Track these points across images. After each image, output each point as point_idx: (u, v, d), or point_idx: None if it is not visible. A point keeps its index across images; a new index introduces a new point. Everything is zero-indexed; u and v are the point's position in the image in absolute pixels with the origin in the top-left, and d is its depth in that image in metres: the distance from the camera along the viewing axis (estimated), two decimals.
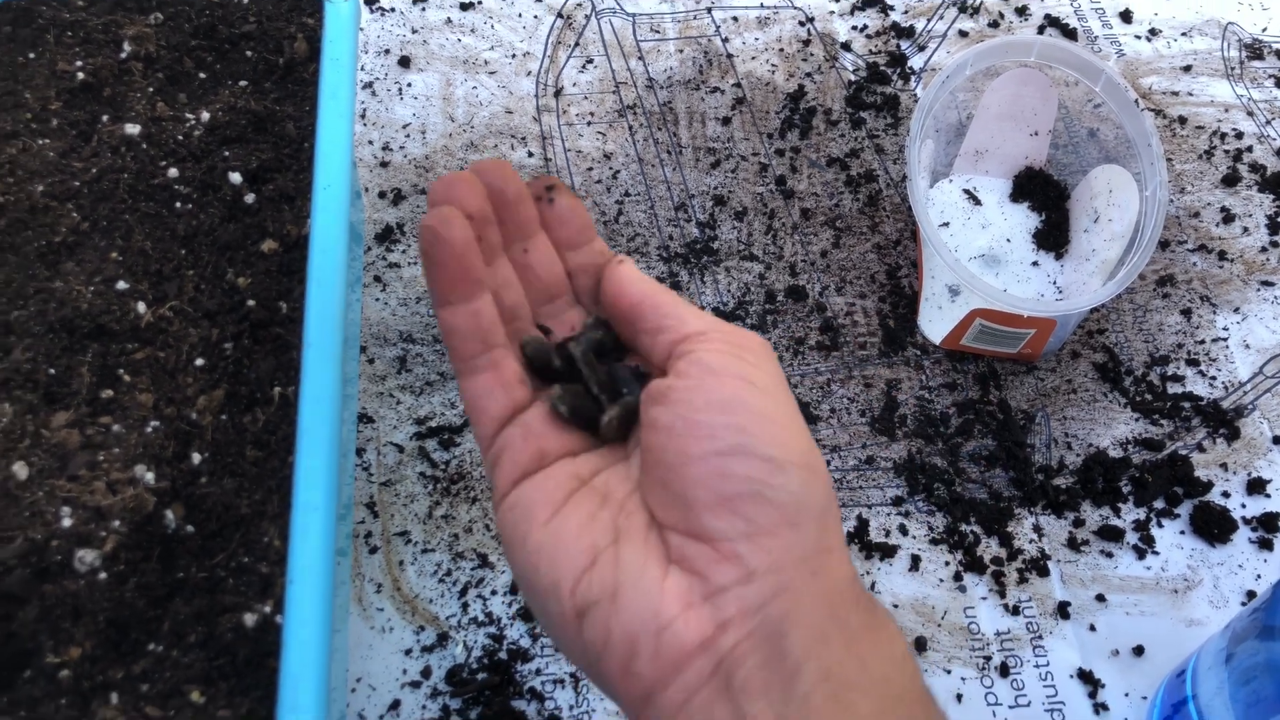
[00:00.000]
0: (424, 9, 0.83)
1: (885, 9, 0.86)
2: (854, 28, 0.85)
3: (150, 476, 0.43)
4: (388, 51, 0.80)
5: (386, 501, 0.61)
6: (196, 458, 0.43)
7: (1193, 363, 0.69)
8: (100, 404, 0.44)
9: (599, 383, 0.37)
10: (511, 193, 0.37)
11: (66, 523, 0.41)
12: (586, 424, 0.37)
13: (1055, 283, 0.71)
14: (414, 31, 0.81)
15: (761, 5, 0.86)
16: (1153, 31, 0.84)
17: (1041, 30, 0.85)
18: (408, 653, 0.56)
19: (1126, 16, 0.85)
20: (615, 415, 0.36)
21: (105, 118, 0.52)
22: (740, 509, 0.31)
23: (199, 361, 0.45)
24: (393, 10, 0.83)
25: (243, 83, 0.54)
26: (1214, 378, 0.69)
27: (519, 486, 0.35)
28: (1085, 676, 0.57)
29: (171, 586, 0.41)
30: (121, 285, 0.47)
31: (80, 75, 0.53)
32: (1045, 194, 0.74)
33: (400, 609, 0.58)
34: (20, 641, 0.39)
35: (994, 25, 0.85)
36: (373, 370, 0.66)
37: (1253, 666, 0.45)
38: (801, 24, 0.85)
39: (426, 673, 0.56)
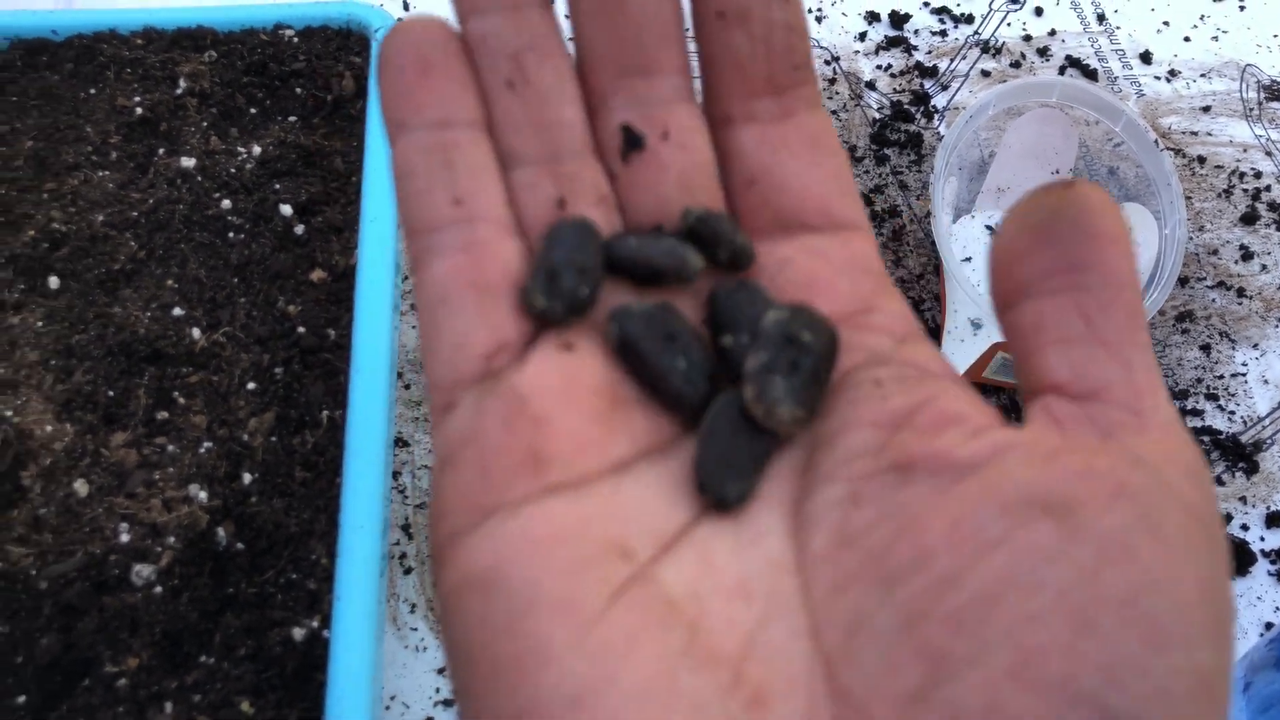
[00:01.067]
0: None
1: (909, 49, 0.89)
2: (879, 67, 0.87)
3: (203, 495, 0.44)
4: None
5: (421, 524, 0.63)
6: (247, 478, 0.45)
7: (1211, 397, 0.70)
8: (156, 425, 0.46)
9: (726, 320, 0.24)
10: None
11: (124, 538, 0.43)
12: (672, 397, 0.23)
13: None
14: None
15: None
16: (1172, 73, 0.86)
17: (1063, 71, 0.87)
18: (440, 671, 0.58)
19: (1146, 58, 0.87)
20: (793, 412, 0.22)
21: (162, 151, 0.54)
22: None
23: (250, 385, 0.47)
24: None
25: (292, 118, 0.57)
26: (1233, 412, 0.70)
27: (487, 533, 0.21)
28: None
29: (223, 601, 0.43)
30: (177, 311, 0.49)
31: (139, 110, 0.55)
32: None
33: (434, 629, 0.59)
34: (80, 651, 0.41)
35: (1015, 65, 0.87)
36: (408, 395, 0.68)
37: (1270, 695, 0.46)
38: (827, 63, 0.88)
39: None
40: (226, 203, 0.53)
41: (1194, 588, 0.18)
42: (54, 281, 0.49)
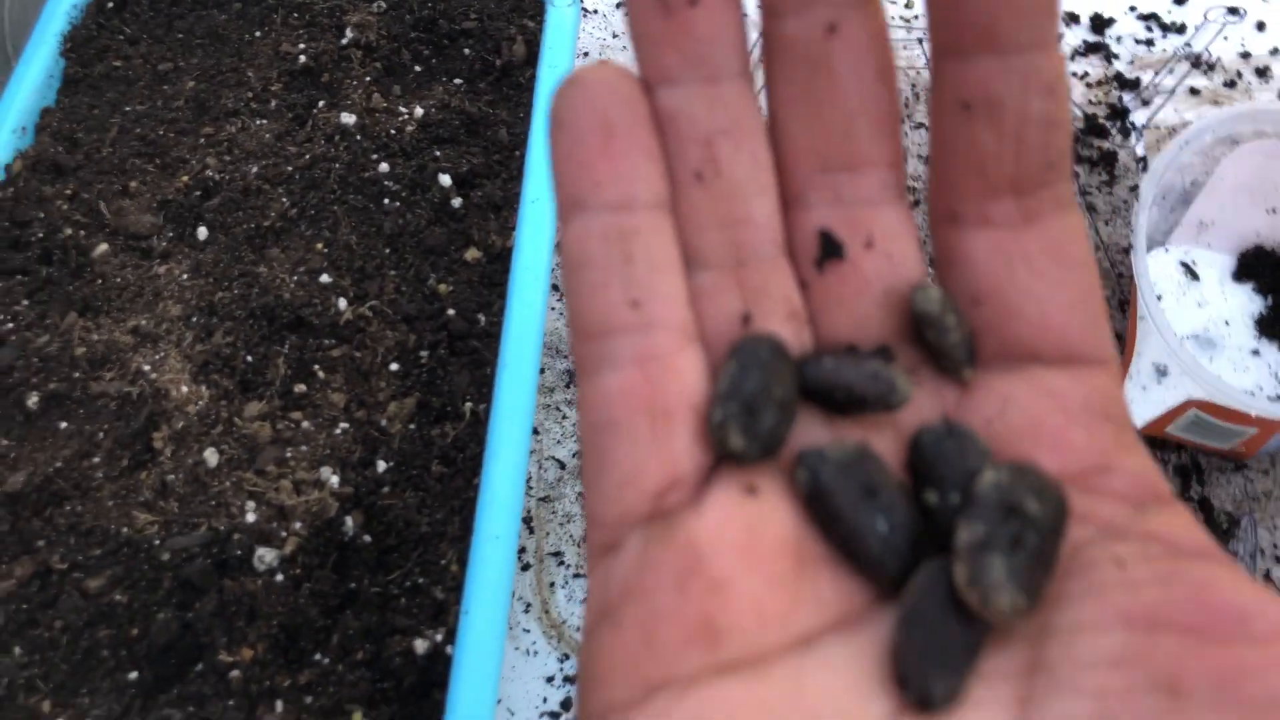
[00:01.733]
0: (626, 12, 0.81)
1: (1109, 56, 0.81)
2: (1074, 74, 0.80)
3: (335, 480, 0.42)
4: (587, 54, 0.79)
5: (543, 518, 0.60)
6: (381, 465, 0.42)
7: None
8: (293, 398, 0.43)
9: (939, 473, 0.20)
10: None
11: (250, 518, 0.40)
12: (870, 564, 0.20)
13: (1278, 375, 0.65)
14: (614, 36, 0.80)
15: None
16: None
17: None
18: (550, 680, 0.55)
19: None
20: (1014, 601, 0.18)
21: (321, 103, 0.52)
22: None
23: (393, 366, 0.44)
24: (595, 12, 0.81)
25: (458, 80, 0.53)
26: None
27: (657, 712, 0.18)
28: None
29: (344, 597, 0.40)
30: (325, 279, 0.46)
31: (302, 58, 0.52)
32: (1275, 276, 0.68)
33: (547, 633, 0.56)
34: (196, 635, 0.38)
35: (1230, 85, 0.79)
36: (542, 381, 0.64)
37: None
38: None
39: (567, 704, 0.54)
40: (384, 166, 0.49)
41: None
42: (203, 232, 0.47)
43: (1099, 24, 0.82)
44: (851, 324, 0.22)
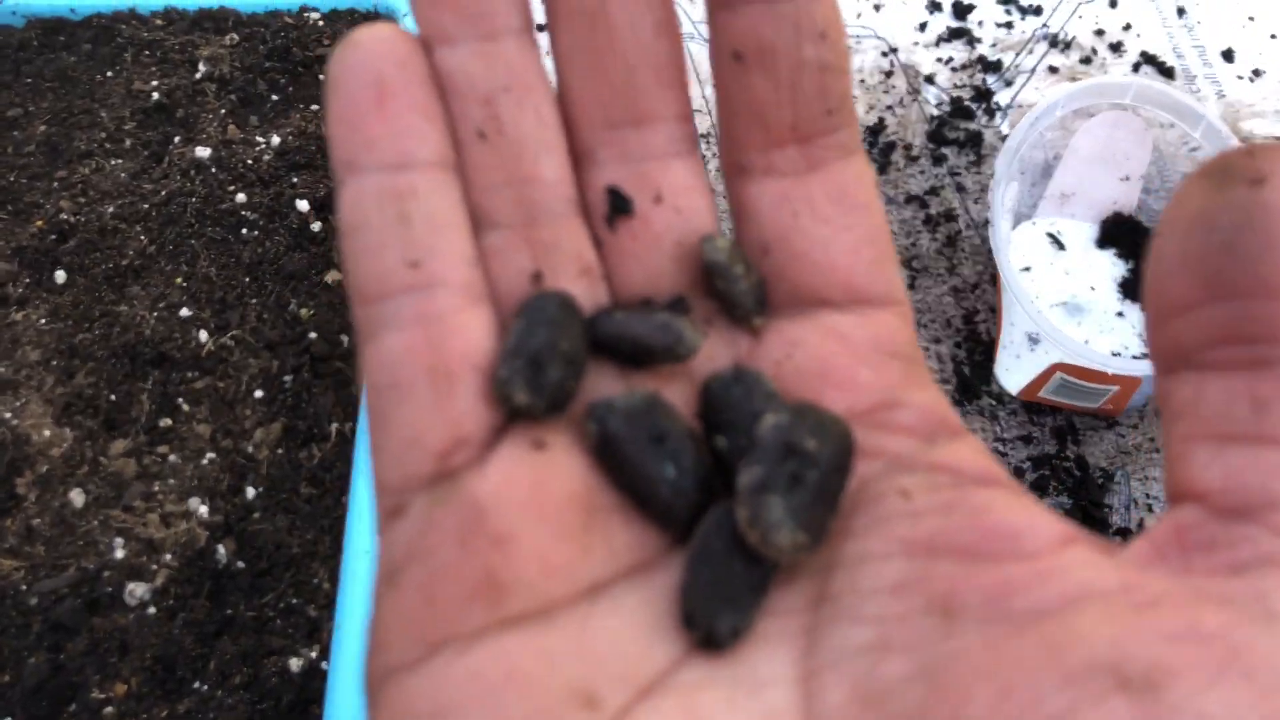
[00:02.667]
0: None
1: (972, 41, 0.84)
2: (939, 60, 0.83)
3: (204, 510, 0.42)
4: None
5: None
6: (251, 492, 0.43)
7: None
8: (158, 433, 0.44)
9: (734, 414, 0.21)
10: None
11: (119, 554, 0.41)
12: (659, 510, 0.20)
13: (1140, 335, 0.68)
14: None
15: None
16: (1256, 72, 0.81)
17: (1137, 68, 0.82)
18: None
19: (1229, 55, 0.82)
20: (793, 538, 0.19)
21: (177, 139, 0.52)
22: None
23: (258, 393, 0.45)
24: None
25: (315, 106, 0.54)
26: None
27: (429, 673, 0.18)
28: None
29: (220, 624, 0.40)
30: (185, 312, 0.46)
31: (155, 95, 0.53)
32: (1134, 241, 0.71)
33: None
34: (68, 675, 0.39)
35: (1086, 61, 0.82)
36: None
37: None
38: (884, 54, 0.83)
39: None
40: (241, 196, 0.50)
41: None
42: (60, 276, 0.47)
43: (960, 10, 0.85)
44: (645, 278, 0.22)
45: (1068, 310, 0.69)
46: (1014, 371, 0.66)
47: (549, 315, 0.20)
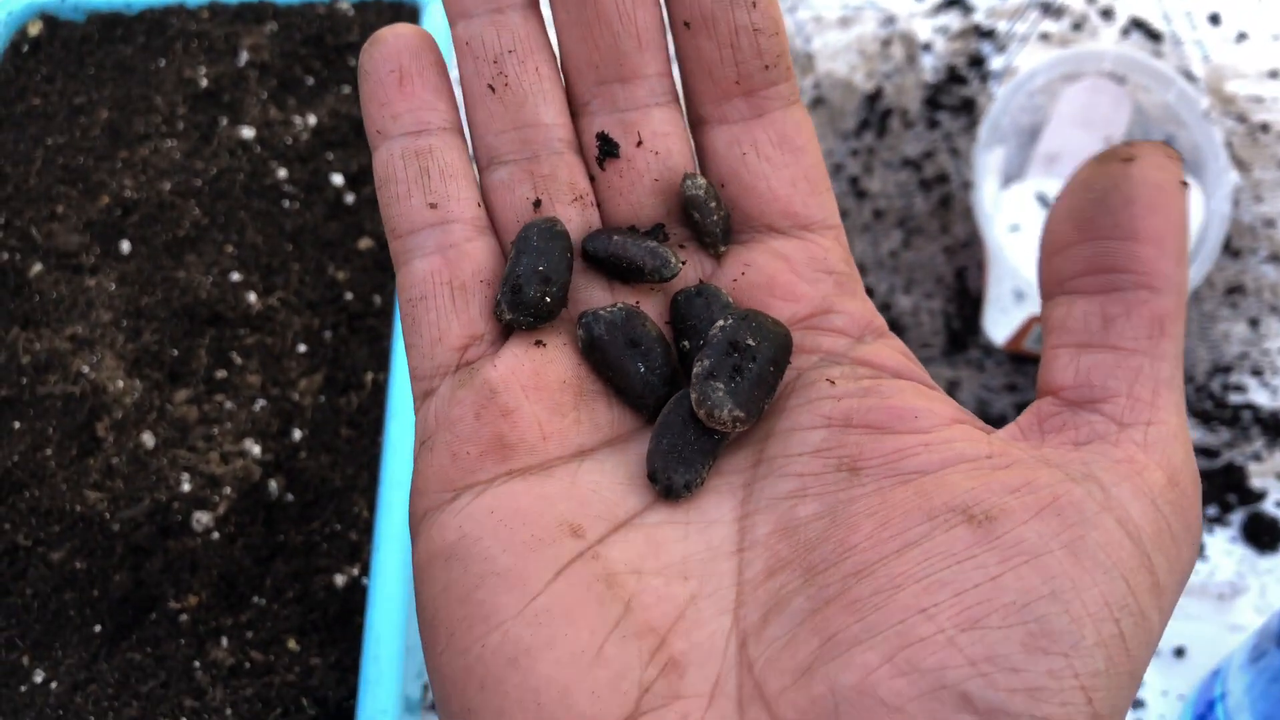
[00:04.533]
0: None
1: (967, 9, 0.87)
2: (936, 29, 0.86)
3: (257, 450, 0.48)
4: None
5: None
6: (297, 434, 0.49)
7: (1256, 372, 0.70)
8: (215, 383, 0.50)
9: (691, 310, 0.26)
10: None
11: (186, 487, 0.47)
12: (633, 397, 0.25)
13: None
14: None
15: (844, 5, 0.88)
16: (1242, 35, 0.84)
17: (1126, 33, 0.85)
18: None
19: (1215, 19, 0.85)
20: (733, 413, 0.24)
21: (224, 121, 0.58)
22: None
23: (301, 348, 0.51)
24: None
25: (346, 89, 0.59)
26: (1276, 388, 0.69)
27: (454, 510, 0.23)
28: None
29: (273, 548, 0.47)
30: (235, 276, 0.52)
31: (203, 82, 0.58)
32: None
33: None
34: (148, 589, 0.45)
35: (1077, 27, 0.86)
36: None
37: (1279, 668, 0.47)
38: (883, 24, 0.87)
39: None
40: (282, 172, 0.56)
41: (1098, 601, 0.19)
42: (125, 246, 0.53)
43: None
44: (630, 210, 0.27)
45: None
46: (1000, 325, 0.70)
47: (533, 244, 0.25)
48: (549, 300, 0.25)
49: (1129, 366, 0.21)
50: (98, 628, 0.45)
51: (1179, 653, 0.59)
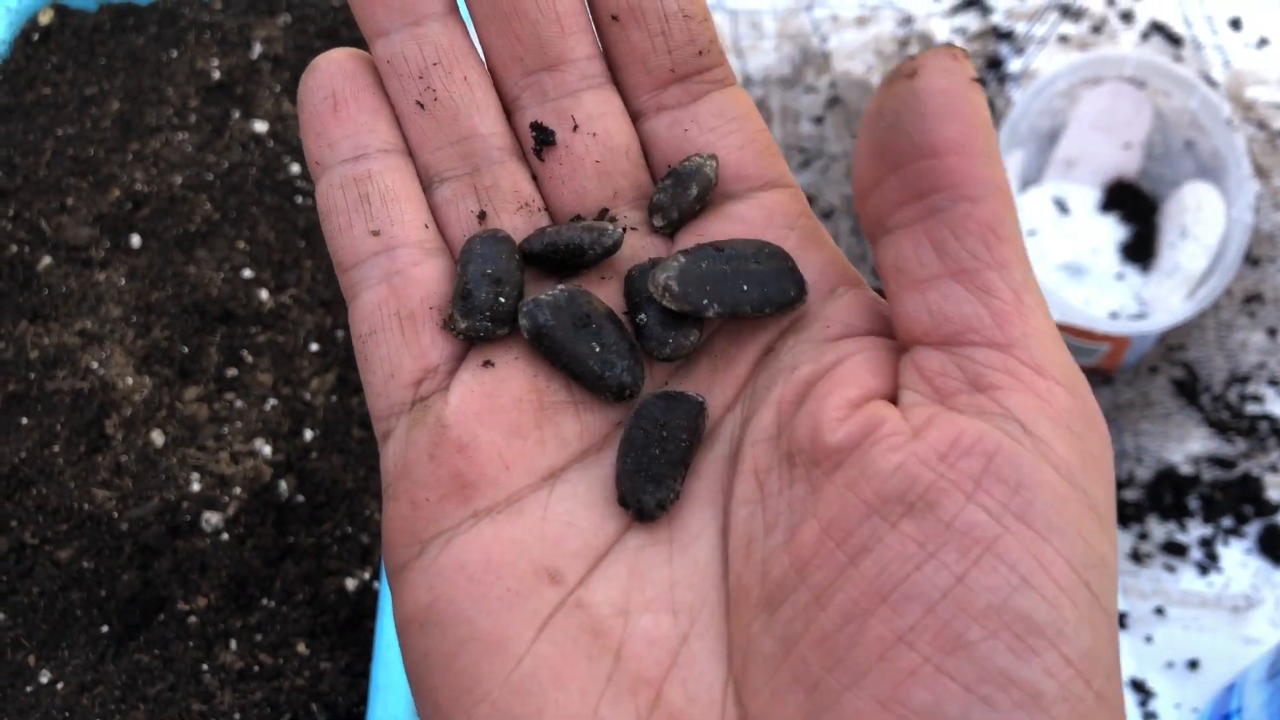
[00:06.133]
0: None
1: (986, 10, 0.87)
2: (954, 29, 0.85)
3: (267, 450, 0.48)
4: None
5: None
6: (308, 434, 0.48)
7: (1274, 382, 0.69)
8: (226, 381, 0.49)
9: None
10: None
11: (195, 487, 0.46)
12: (592, 381, 0.24)
13: (1139, 296, 0.71)
14: None
15: (861, 4, 0.87)
16: (1263, 41, 0.83)
17: (1146, 37, 0.84)
18: None
19: (1236, 24, 0.84)
20: (665, 279, 0.23)
21: (237, 114, 0.57)
22: None
23: (313, 346, 0.50)
24: None
25: None
26: None
27: (423, 566, 0.22)
28: (1138, 686, 0.59)
29: (283, 549, 0.46)
30: (247, 273, 0.52)
31: (216, 74, 0.58)
32: (1135, 206, 0.74)
33: None
34: (156, 589, 0.44)
35: (1097, 30, 0.85)
36: None
37: None
38: (901, 24, 0.86)
39: None
40: (295, 167, 0.55)
41: (1066, 571, 0.18)
42: (135, 240, 0.52)
43: None
44: (575, 197, 0.26)
45: (1070, 271, 0.73)
46: None
47: (477, 252, 0.24)
48: (503, 300, 0.24)
49: (978, 285, 0.20)
50: (105, 628, 0.44)
51: (1192, 665, 0.59)
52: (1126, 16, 0.86)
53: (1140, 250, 0.73)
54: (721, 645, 0.21)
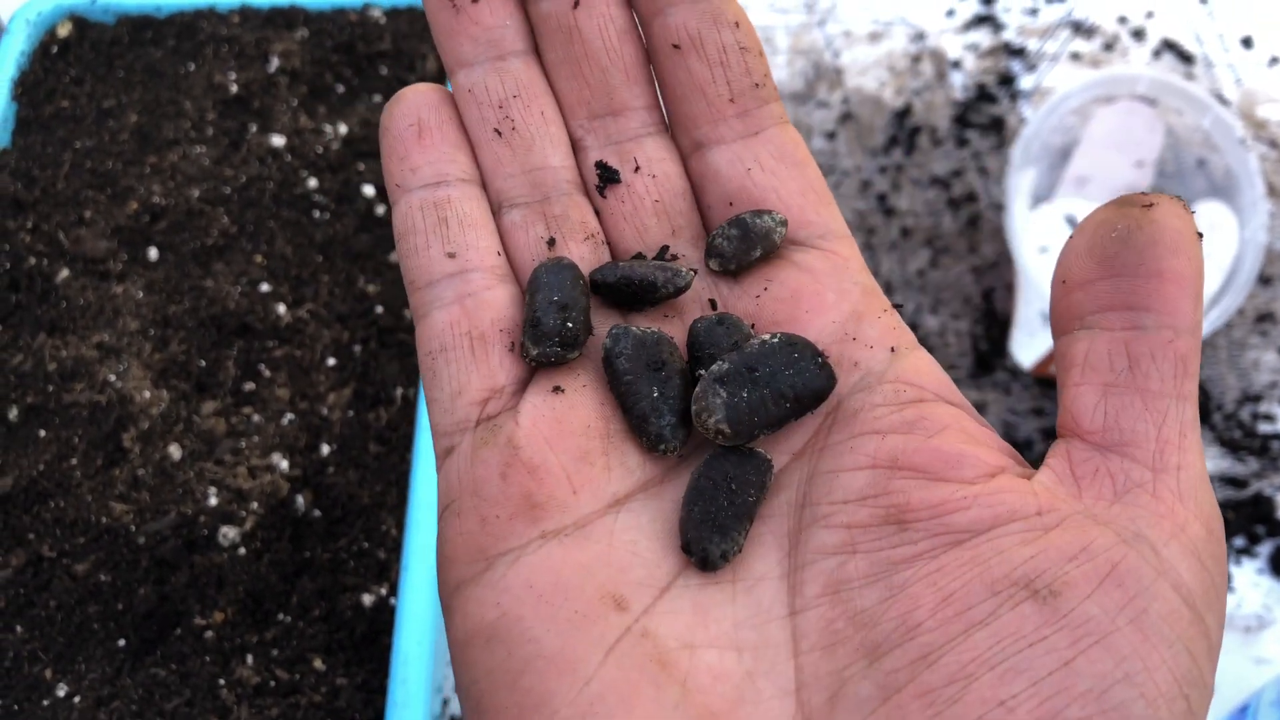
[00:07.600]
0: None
1: (997, 27, 0.87)
2: (966, 46, 0.86)
3: (284, 464, 0.48)
4: None
5: None
6: (325, 449, 0.48)
7: None
8: (243, 395, 0.49)
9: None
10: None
11: (212, 501, 0.46)
12: (636, 420, 0.24)
13: None
14: None
15: (874, 20, 0.88)
16: (1274, 59, 0.83)
17: (1158, 55, 0.84)
18: None
19: (1248, 42, 0.84)
20: (715, 422, 0.24)
21: (254, 128, 0.57)
22: None
23: (330, 361, 0.50)
24: None
25: (377, 98, 0.59)
26: None
27: (490, 583, 0.22)
28: None
29: (300, 564, 0.46)
30: (265, 287, 0.52)
31: (233, 88, 0.58)
32: None
33: None
34: (173, 604, 0.44)
35: (1108, 48, 0.85)
36: None
37: None
38: (913, 40, 0.86)
39: None
40: (313, 181, 0.55)
41: (1169, 679, 0.19)
42: (153, 253, 0.53)
43: None
44: (635, 234, 0.27)
45: None
46: (1027, 347, 0.70)
47: (544, 280, 0.25)
48: (571, 325, 0.25)
49: (1156, 409, 0.21)
50: (122, 642, 0.44)
51: None
52: (1138, 34, 0.87)
53: None
54: (789, 682, 0.21)
